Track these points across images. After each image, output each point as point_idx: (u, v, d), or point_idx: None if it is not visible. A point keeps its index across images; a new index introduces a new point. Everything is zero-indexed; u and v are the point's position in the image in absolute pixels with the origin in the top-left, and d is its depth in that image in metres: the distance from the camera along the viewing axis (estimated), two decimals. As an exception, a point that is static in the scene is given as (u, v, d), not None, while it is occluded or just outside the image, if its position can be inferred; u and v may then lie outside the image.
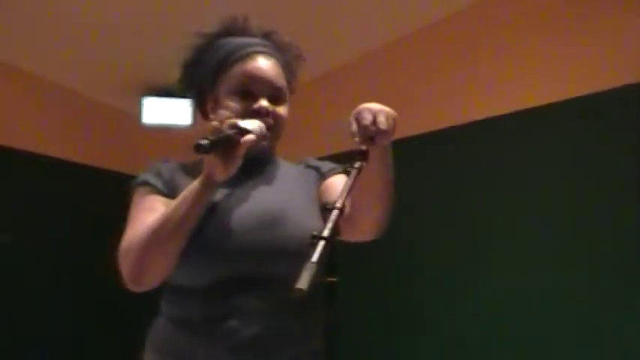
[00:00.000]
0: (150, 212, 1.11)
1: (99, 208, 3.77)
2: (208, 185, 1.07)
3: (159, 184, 1.17)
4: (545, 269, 2.48)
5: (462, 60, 2.96)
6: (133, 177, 1.21)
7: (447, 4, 2.95)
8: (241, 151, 1.04)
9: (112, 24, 3.12)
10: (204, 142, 0.98)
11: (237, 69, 1.21)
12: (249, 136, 1.06)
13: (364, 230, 1.12)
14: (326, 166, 1.30)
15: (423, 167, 2.96)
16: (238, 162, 1.06)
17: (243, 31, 1.26)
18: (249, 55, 1.22)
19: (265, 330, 1.07)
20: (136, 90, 3.76)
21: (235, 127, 1.05)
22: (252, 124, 1.10)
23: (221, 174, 1.05)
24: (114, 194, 3.81)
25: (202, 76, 1.25)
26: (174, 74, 1.30)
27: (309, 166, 1.31)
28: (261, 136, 1.11)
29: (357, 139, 0.96)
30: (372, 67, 3.35)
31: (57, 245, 3.56)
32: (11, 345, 3.21)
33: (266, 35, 1.27)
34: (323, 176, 1.27)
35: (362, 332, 2.89)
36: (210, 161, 1.04)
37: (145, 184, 1.18)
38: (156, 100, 3.75)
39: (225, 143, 1.04)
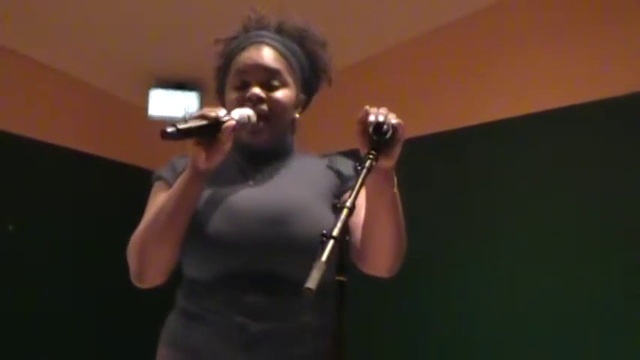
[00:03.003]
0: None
1: (102, 198, 3.77)
2: (194, 175, 1.05)
3: (171, 177, 1.17)
4: (566, 279, 2.43)
5: (480, 60, 2.94)
6: (137, 168, 1.21)
7: (465, 5, 2.93)
8: (224, 138, 1.02)
9: (121, 15, 3.10)
10: (171, 129, 0.94)
11: (233, 64, 1.21)
12: (230, 122, 1.03)
13: (377, 264, 1.12)
14: (348, 170, 1.24)
15: (439, 166, 2.94)
16: (224, 150, 1.04)
17: (257, 30, 1.25)
18: (243, 48, 1.21)
19: (273, 327, 1.06)
20: (144, 82, 3.75)
21: (210, 115, 1.02)
22: (239, 113, 1.09)
23: (205, 163, 1.03)
24: (118, 184, 3.88)
25: (220, 81, 1.28)
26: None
27: (331, 168, 1.26)
28: (247, 124, 1.10)
29: (359, 128, 0.98)
30: (388, 66, 3.31)
31: (60, 234, 3.55)
32: (13, 336, 3.19)
33: (279, 26, 1.25)
34: (344, 186, 1.22)
35: (371, 332, 2.86)
36: (193, 151, 1.02)
37: (159, 178, 1.20)
38: (163, 93, 3.73)
39: (204, 132, 1.01)
